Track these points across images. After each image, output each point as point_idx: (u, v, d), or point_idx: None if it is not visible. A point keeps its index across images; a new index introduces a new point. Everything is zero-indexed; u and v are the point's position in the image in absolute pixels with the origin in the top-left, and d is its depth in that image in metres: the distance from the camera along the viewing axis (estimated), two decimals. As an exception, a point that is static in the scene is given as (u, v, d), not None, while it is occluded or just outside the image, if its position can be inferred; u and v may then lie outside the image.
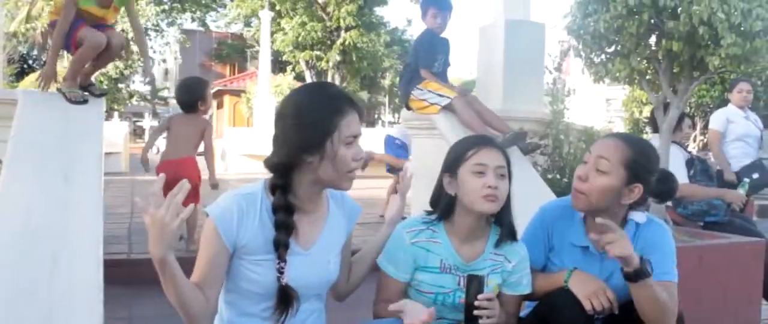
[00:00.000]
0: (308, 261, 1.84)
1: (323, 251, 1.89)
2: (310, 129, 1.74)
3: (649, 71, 4.00)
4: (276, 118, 1.82)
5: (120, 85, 34.19)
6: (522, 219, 2.33)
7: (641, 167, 2.03)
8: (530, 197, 3.59)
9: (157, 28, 34.12)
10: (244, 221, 1.76)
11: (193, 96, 4.66)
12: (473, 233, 2.07)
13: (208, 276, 1.77)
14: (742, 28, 3.30)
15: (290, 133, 1.76)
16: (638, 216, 2.12)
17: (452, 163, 2.05)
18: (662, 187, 2.27)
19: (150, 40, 34.87)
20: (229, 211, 1.75)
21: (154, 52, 37.19)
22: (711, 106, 8.70)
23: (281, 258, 1.76)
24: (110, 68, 31.27)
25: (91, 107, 3.46)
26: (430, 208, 2.15)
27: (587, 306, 1.93)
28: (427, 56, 4.65)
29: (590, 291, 1.96)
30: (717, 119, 5.73)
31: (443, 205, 2.08)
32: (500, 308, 2.01)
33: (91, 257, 2.53)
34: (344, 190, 1.87)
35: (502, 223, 2.08)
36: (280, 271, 1.76)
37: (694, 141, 9.15)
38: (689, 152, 4.46)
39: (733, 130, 5.72)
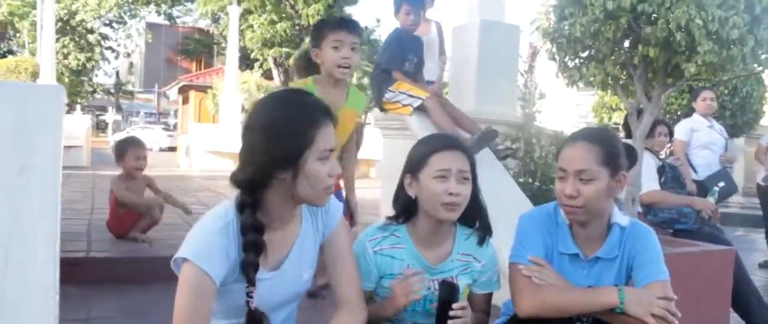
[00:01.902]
0: (276, 282, 1.72)
1: (294, 267, 1.77)
2: (283, 143, 1.59)
3: (623, 76, 3.99)
4: (244, 130, 1.66)
5: (82, 78, 33.54)
6: (495, 224, 2.27)
7: (616, 156, 2.01)
8: (504, 202, 3.55)
9: (120, 19, 33.58)
10: (226, 259, 1.61)
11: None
12: (437, 235, 2.03)
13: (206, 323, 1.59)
14: (718, 36, 3.30)
15: (261, 147, 1.60)
16: (622, 219, 2.08)
17: (414, 166, 2.00)
18: (630, 160, 2.23)
19: (114, 31, 34.32)
20: (214, 251, 1.58)
21: (118, 44, 36.63)
22: (679, 113, 8.83)
23: (250, 282, 1.62)
24: (71, 61, 30.70)
25: (50, 98, 3.30)
26: (392, 211, 2.09)
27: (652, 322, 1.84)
28: (397, 56, 4.53)
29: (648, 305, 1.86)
30: (682, 129, 5.81)
31: (404, 207, 2.03)
32: (472, 308, 1.98)
33: (47, 256, 2.39)
34: (320, 206, 1.75)
35: (480, 224, 2.05)
36: (249, 296, 1.63)
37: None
38: (661, 159, 4.46)
39: (698, 138, 5.80)
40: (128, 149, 4.84)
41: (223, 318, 1.71)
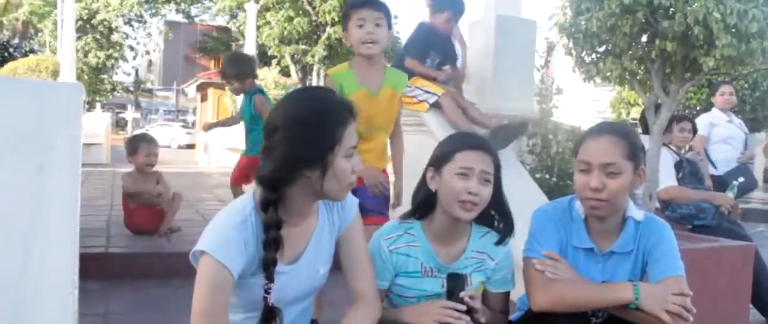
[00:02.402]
0: (293, 276, 1.74)
1: (310, 262, 1.79)
2: (312, 141, 1.60)
3: (640, 71, 3.95)
4: (269, 129, 1.67)
5: (102, 76, 33.81)
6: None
7: (638, 150, 2.01)
8: (521, 197, 3.54)
9: (140, 18, 33.77)
10: (244, 252, 1.63)
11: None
12: (453, 233, 2.03)
13: (225, 316, 1.61)
14: (736, 29, 3.26)
15: (287, 146, 1.61)
16: (636, 213, 2.07)
17: (438, 160, 2.00)
18: None
19: (133, 30, 34.58)
20: (232, 245, 1.60)
21: (138, 43, 36.88)
22: (698, 108, 8.73)
23: (269, 278, 1.64)
24: (91, 58, 30.96)
25: (68, 95, 3.34)
26: (411, 206, 2.10)
27: (667, 320, 1.83)
28: (419, 49, 4.46)
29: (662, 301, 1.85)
30: (701, 124, 5.75)
31: (423, 201, 2.03)
32: (488, 307, 2.02)
33: (66, 251, 2.42)
34: (339, 201, 1.79)
35: (503, 226, 2.05)
36: (267, 292, 1.65)
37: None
38: (678, 154, 4.42)
39: (718, 133, 5.74)
40: (140, 145, 4.92)
41: (242, 312, 1.73)
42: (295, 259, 1.76)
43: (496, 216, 2.06)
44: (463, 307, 1.85)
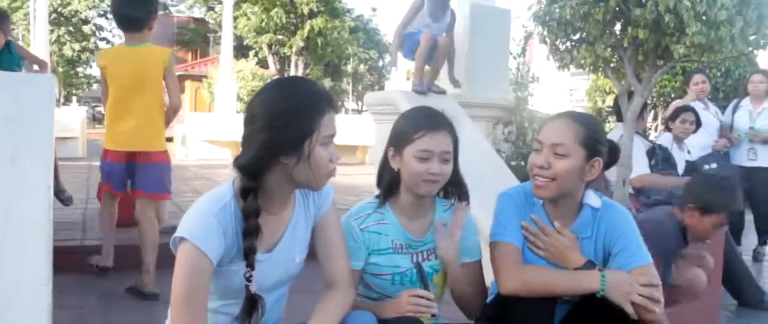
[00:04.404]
0: (269, 264, 1.76)
1: (286, 250, 1.81)
2: (289, 129, 1.63)
3: (613, 59, 4.00)
4: (248, 117, 1.68)
5: (77, 69, 33.39)
6: (485, 204, 2.29)
7: (596, 141, 2.01)
8: (497, 186, 3.56)
9: (115, 9, 33.34)
10: (223, 239, 1.64)
11: None
12: (419, 208, 2.07)
13: (204, 302, 1.63)
14: (706, 17, 3.31)
15: (266, 134, 1.63)
16: (594, 200, 2.08)
17: (398, 140, 2.02)
18: (611, 157, 2.21)
19: (108, 21, 34.15)
20: (212, 232, 1.62)
21: (113, 34, 36.42)
22: (672, 96, 8.81)
23: (251, 266, 1.66)
24: (66, 50, 30.55)
25: (41, 87, 3.31)
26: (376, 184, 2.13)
27: (630, 311, 1.86)
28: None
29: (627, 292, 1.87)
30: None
31: (387, 180, 2.06)
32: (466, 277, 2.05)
33: (40, 244, 2.41)
34: (317, 190, 1.80)
35: (459, 196, 2.09)
36: (249, 280, 1.67)
37: (656, 131, 9.24)
38: (650, 141, 4.47)
39: None
40: None
41: (218, 299, 1.75)
42: (271, 248, 1.77)
43: (452, 189, 2.09)
44: (431, 295, 1.88)
